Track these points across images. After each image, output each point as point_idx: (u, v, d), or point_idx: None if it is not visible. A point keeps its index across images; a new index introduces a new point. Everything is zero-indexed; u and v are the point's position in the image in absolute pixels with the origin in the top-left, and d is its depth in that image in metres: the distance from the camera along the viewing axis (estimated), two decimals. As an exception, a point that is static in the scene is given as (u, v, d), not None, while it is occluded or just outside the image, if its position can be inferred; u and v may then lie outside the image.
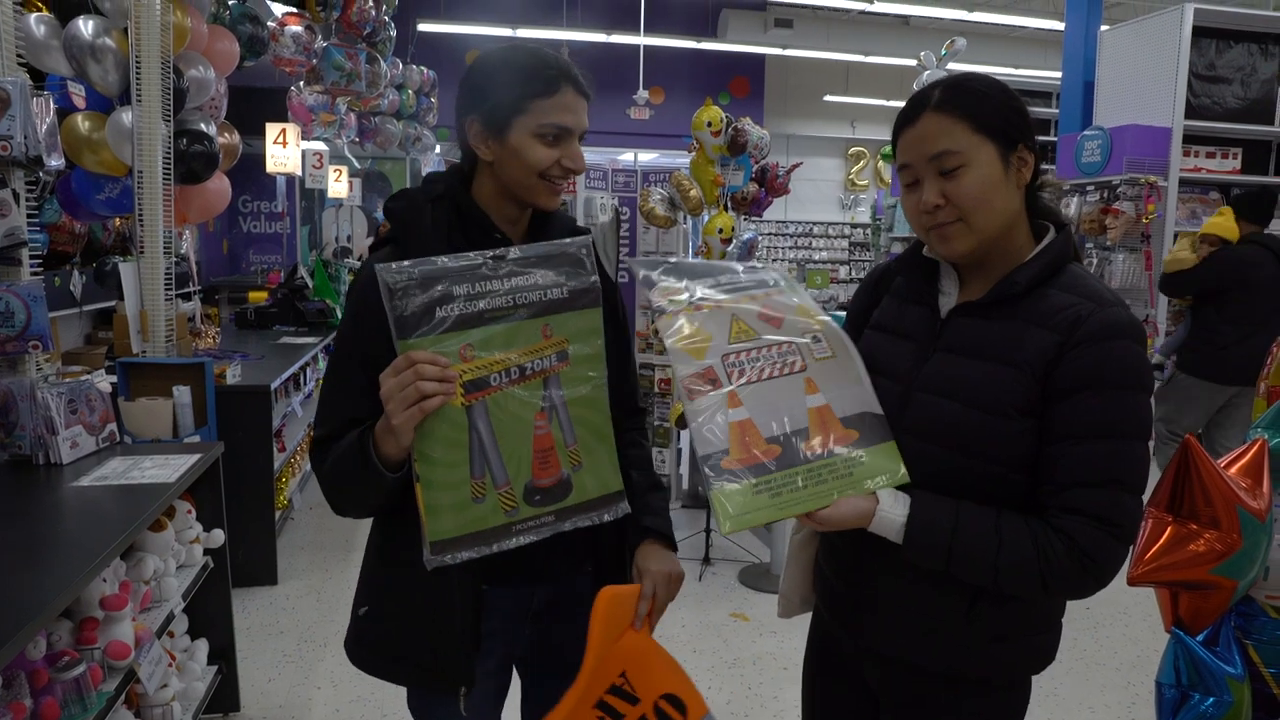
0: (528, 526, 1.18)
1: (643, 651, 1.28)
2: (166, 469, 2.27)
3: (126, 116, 3.25)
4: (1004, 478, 1.18)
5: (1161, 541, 1.64)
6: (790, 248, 15.69)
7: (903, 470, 1.20)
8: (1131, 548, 1.30)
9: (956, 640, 1.24)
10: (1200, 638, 1.70)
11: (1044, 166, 7.59)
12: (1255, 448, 1.70)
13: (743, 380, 1.20)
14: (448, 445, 1.14)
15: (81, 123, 3.33)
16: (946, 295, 1.29)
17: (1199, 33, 5.84)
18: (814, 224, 15.89)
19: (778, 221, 15.46)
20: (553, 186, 1.31)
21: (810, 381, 1.22)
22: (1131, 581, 1.68)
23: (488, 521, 1.16)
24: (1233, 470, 1.67)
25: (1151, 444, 1.21)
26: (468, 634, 1.32)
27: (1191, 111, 5.88)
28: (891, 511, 1.17)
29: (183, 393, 2.97)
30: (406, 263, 1.12)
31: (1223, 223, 4.45)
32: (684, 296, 1.26)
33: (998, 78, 1.23)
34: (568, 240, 1.23)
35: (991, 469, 1.18)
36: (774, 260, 15.14)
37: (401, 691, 1.48)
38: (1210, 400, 4.37)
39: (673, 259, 1.34)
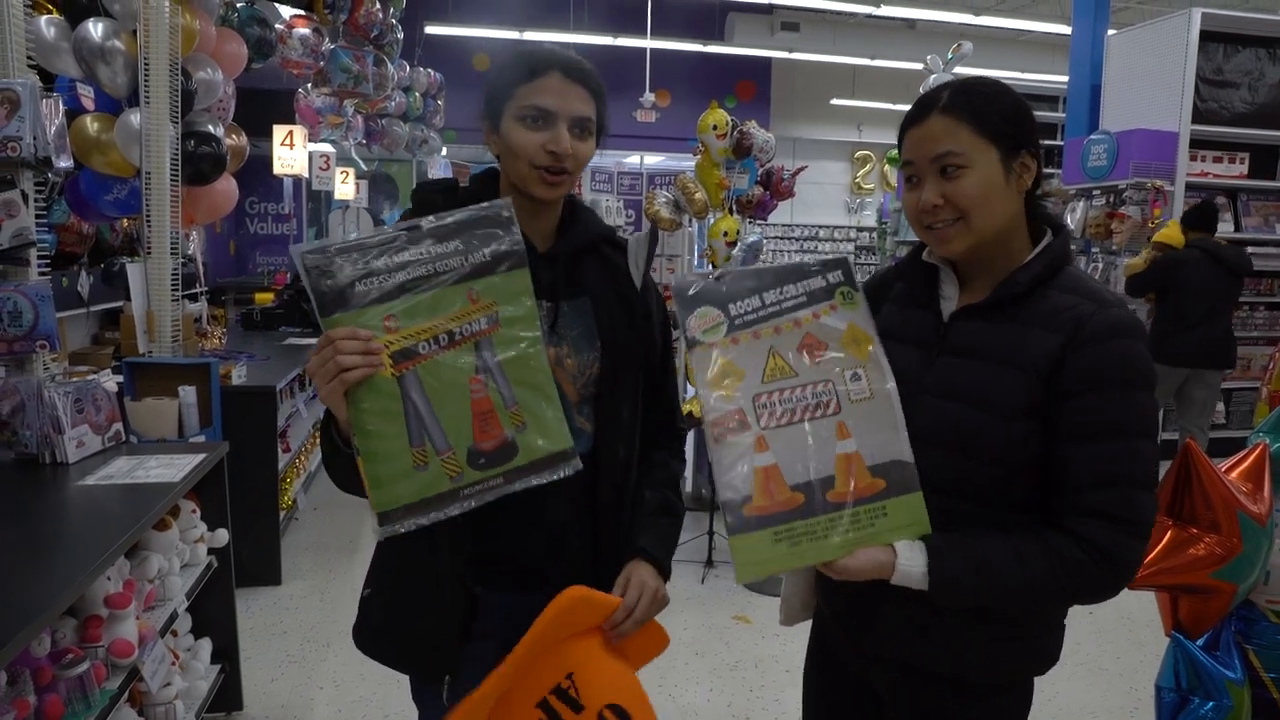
0: (475, 490, 1.17)
1: (595, 656, 1.25)
2: (171, 469, 2.28)
3: (135, 118, 3.27)
4: (1011, 480, 1.19)
5: (1162, 545, 1.64)
6: (796, 251, 15.70)
7: (926, 524, 1.19)
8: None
9: (961, 644, 1.24)
10: (1200, 642, 1.70)
11: (1049, 171, 7.60)
12: (1256, 452, 1.70)
13: (772, 423, 1.17)
14: (382, 417, 1.14)
15: (90, 124, 3.35)
16: (947, 299, 1.30)
17: (1206, 37, 5.83)
18: (820, 227, 15.89)
19: (784, 225, 15.46)
20: (544, 176, 1.28)
21: (842, 426, 1.19)
22: (1131, 585, 1.68)
23: (433, 488, 1.15)
24: (1233, 475, 1.67)
25: None
26: (455, 625, 1.33)
27: (1198, 116, 5.88)
28: (910, 563, 1.16)
29: (188, 393, 2.98)
30: (321, 242, 1.14)
31: (1169, 232, 5.20)
32: (721, 327, 1.21)
33: (1008, 84, 1.24)
34: (486, 203, 1.21)
35: (998, 471, 1.19)
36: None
37: (403, 691, 1.49)
38: (1165, 380, 4.96)
39: (726, 269, 1.30)
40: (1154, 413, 1.17)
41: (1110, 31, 7.01)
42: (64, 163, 2.41)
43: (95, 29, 3.20)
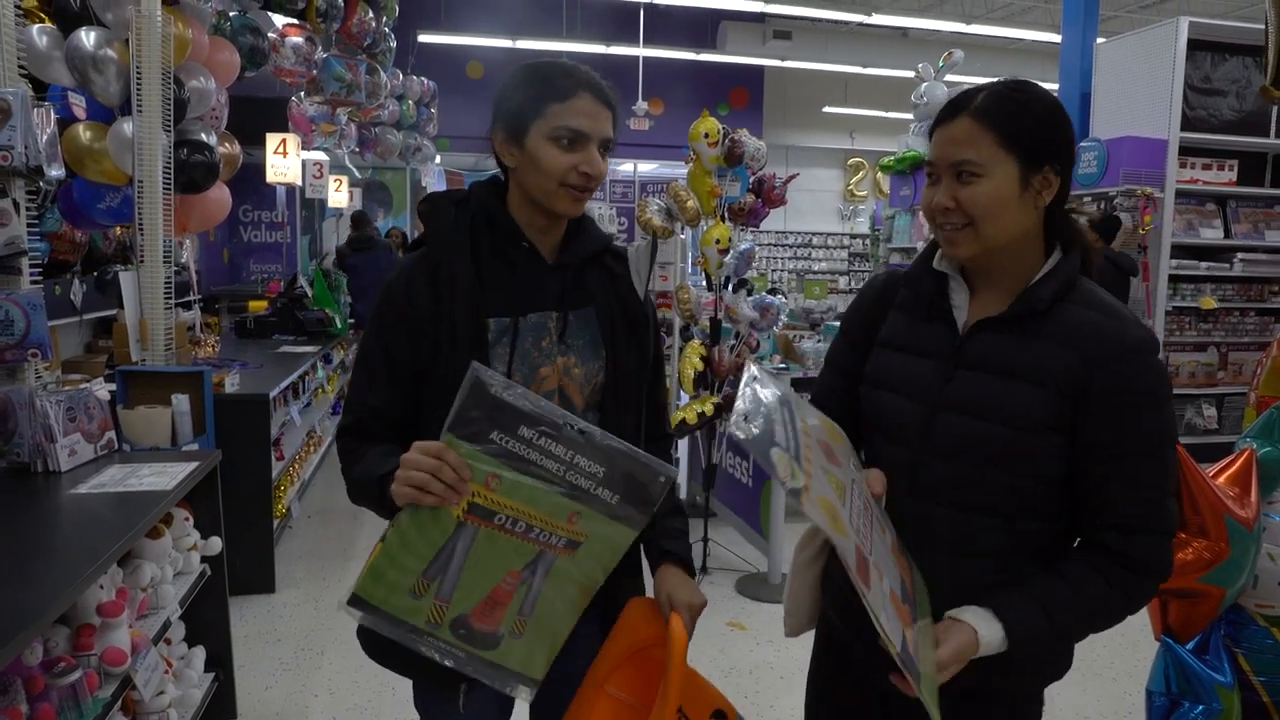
0: (437, 645, 1.20)
1: (685, 677, 1.29)
2: (164, 477, 2.28)
3: (127, 126, 3.27)
4: (1032, 493, 1.20)
5: (1151, 550, 1.65)
6: (789, 258, 15.74)
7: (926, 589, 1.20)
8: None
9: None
10: (1190, 646, 1.71)
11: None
12: (1243, 457, 1.71)
13: (869, 547, 1.08)
14: (424, 537, 1.16)
15: (83, 133, 3.35)
16: (958, 309, 1.28)
17: (1194, 46, 5.87)
18: (813, 234, 15.93)
19: (777, 232, 15.51)
20: (573, 193, 1.30)
21: (881, 522, 1.15)
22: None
23: (408, 615, 1.18)
24: (1221, 479, 1.68)
25: None
26: None
27: (1187, 123, 5.91)
28: (990, 633, 1.14)
29: (181, 401, 2.98)
30: (501, 377, 1.13)
31: None
32: (795, 469, 1.05)
33: (1046, 91, 1.22)
34: (658, 463, 1.19)
35: (1022, 484, 1.20)
36: (774, 271, 15.16)
37: (398, 700, 1.49)
38: None
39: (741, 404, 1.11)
40: (1175, 422, 1.20)
41: (1099, 40, 7.06)
42: (55, 171, 2.41)
43: (87, 38, 3.20)
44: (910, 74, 7.52)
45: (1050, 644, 1.19)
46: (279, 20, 5.24)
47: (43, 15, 3.58)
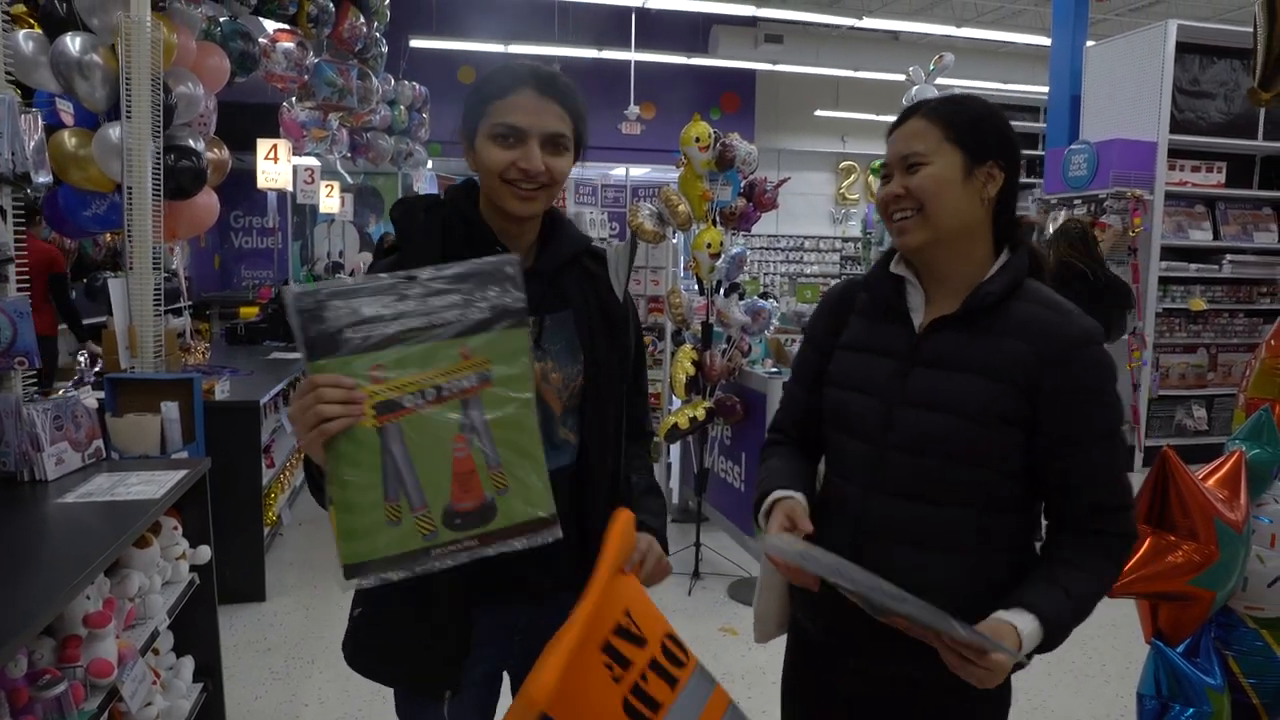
0: (448, 550, 1.13)
1: (640, 590, 1.26)
2: (152, 485, 2.26)
3: (114, 132, 3.25)
4: (993, 485, 1.24)
5: (1140, 553, 1.65)
6: (782, 261, 15.77)
7: None
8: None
9: None
10: (1180, 649, 1.71)
11: (1031, 181, 7.64)
12: (1232, 460, 1.71)
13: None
14: (359, 468, 1.10)
15: (68, 139, 3.33)
16: (914, 311, 1.33)
17: (1182, 49, 5.91)
18: (805, 238, 15.96)
19: (769, 236, 15.54)
20: (517, 191, 1.28)
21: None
22: (1111, 593, 1.69)
23: (404, 545, 1.12)
24: (1210, 482, 1.69)
25: None
26: (456, 640, 1.32)
27: (1176, 126, 5.94)
28: (1024, 622, 1.16)
29: (171, 408, 2.96)
30: (313, 285, 1.09)
31: None
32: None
33: (994, 104, 1.32)
34: (491, 258, 1.15)
35: (982, 476, 1.23)
36: (765, 274, 15.18)
37: (388, 709, 1.49)
38: None
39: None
40: (1121, 402, 1.27)
41: (1089, 43, 7.09)
42: (43, 178, 2.40)
43: (73, 43, 3.19)
44: (901, 77, 7.55)
45: (1074, 622, 1.22)
46: (270, 25, 5.23)
47: (30, 20, 3.57)
